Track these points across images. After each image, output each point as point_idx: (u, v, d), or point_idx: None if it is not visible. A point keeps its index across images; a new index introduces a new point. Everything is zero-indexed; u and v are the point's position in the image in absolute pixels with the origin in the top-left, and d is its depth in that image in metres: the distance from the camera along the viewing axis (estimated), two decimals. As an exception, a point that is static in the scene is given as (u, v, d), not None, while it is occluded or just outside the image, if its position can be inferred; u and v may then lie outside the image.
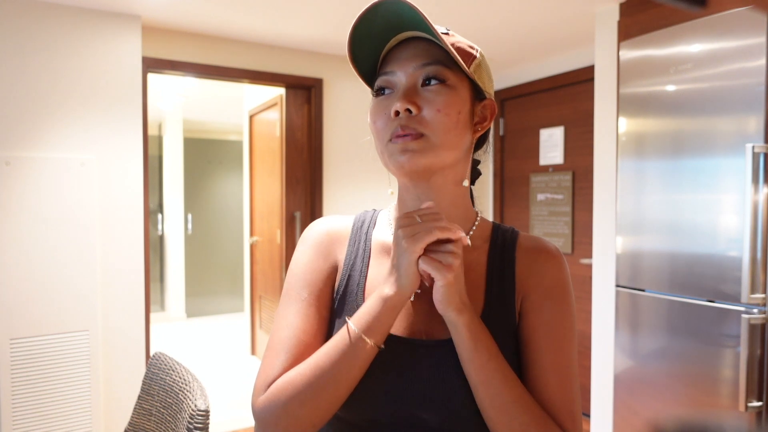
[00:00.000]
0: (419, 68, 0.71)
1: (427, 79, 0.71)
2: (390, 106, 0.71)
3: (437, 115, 0.69)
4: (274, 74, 3.23)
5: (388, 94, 0.73)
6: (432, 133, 0.69)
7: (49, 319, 2.43)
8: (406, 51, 0.72)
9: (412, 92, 0.70)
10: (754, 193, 1.82)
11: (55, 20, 2.49)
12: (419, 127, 0.69)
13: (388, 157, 0.72)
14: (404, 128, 0.69)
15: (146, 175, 2.76)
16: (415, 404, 0.69)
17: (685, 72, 2.04)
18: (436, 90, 0.70)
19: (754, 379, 1.83)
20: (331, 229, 0.82)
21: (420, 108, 0.69)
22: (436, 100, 0.70)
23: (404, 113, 0.69)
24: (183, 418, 1.24)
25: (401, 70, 0.72)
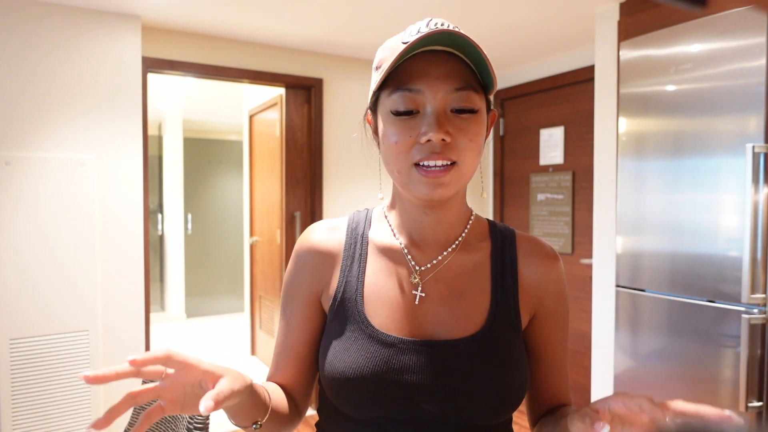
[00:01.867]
0: (451, 92, 0.68)
1: (459, 107, 0.68)
2: (416, 127, 0.68)
3: (469, 144, 0.69)
4: (274, 74, 3.23)
5: (414, 116, 0.69)
6: (462, 162, 0.69)
7: (49, 319, 2.43)
8: (435, 68, 0.68)
9: (445, 120, 0.68)
10: (754, 193, 1.82)
11: (55, 20, 2.49)
12: (452, 155, 0.68)
13: (410, 183, 0.70)
14: (439, 156, 0.67)
15: (146, 175, 2.76)
16: (420, 401, 0.70)
17: (685, 72, 2.04)
18: (469, 119, 0.69)
19: (755, 379, 1.83)
20: (320, 241, 0.81)
21: (453, 137, 0.68)
22: (469, 129, 0.69)
23: (439, 143, 0.67)
24: (183, 418, 1.24)
25: (430, 90, 0.68)
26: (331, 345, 0.74)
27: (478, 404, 0.70)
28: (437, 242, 0.77)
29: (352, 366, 0.71)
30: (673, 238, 2.09)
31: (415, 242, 0.78)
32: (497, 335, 0.73)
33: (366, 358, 0.71)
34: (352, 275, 0.77)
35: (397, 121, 0.69)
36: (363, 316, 0.74)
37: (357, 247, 0.79)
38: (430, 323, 0.74)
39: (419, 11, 2.64)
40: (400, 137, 0.69)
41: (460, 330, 0.73)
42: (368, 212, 0.84)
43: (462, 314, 0.74)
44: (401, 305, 0.75)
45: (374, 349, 0.72)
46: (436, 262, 0.77)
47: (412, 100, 0.68)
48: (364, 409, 0.72)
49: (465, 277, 0.76)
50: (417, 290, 0.75)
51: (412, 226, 0.78)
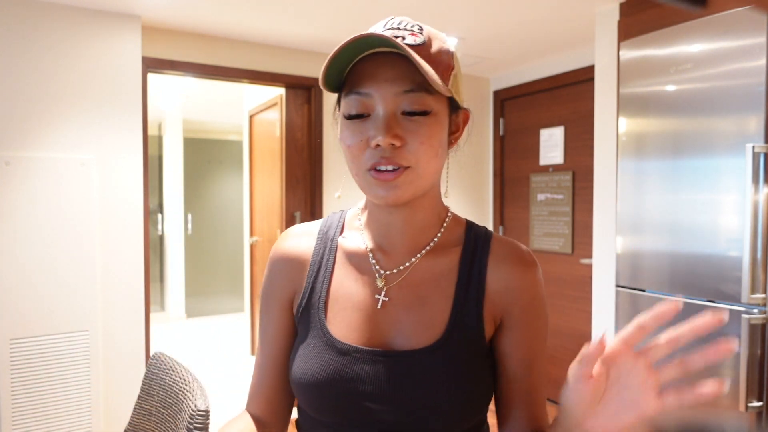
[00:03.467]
0: (400, 95, 0.66)
1: (409, 109, 0.66)
2: (366, 131, 0.67)
3: (421, 147, 0.67)
4: (274, 74, 3.23)
5: (365, 119, 0.68)
6: (416, 165, 0.67)
7: (48, 320, 2.43)
8: (383, 70, 0.66)
9: (394, 123, 0.66)
10: (754, 193, 1.82)
11: (55, 20, 2.49)
12: (403, 160, 0.66)
13: (366, 186, 0.69)
14: (387, 161, 0.66)
15: (146, 175, 2.76)
16: (373, 410, 0.70)
17: (685, 72, 2.04)
18: (420, 121, 0.67)
19: (755, 379, 1.83)
20: (290, 248, 0.81)
21: (404, 140, 0.66)
22: (420, 131, 0.66)
23: (388, 147, 0.66)
24: (183, 418, 1.24)
25: (378, 93, 0.66)
26: (296, 350, 0.76)
27: (431, 416, 0.69)
28: (406, 245, 0.75)
29: (308, 373, 0.72)
30: (673, 238, 2.09)
31: (383, 245, 0.76)
32: (455, 347, 0.70)
33: (320, 366, 0.71)
34: (318, 281, 0.77)
35: (350, 124, 0.69)
36: (323, 323, 0.74)
37: (326, 252, 0.79)
38: (389, 331, 0.72)
39: (419, 11, 2.64)
40: (353, 141, 0.68)
41: (418, 339, 0.71)
42: (342, 214, 0.83)
43: (422, 322, 0.72)
44: (363, 312, 0.73)
45: (329, 357, 0.71)
46: (404, 267, 0.75)
47: (362, 103, 0.67)
48: (322, 413, 0.73)
49: (431, 283, 0.74)
50: (380, 295, 0.73)
51: (380, 227, 0.77)
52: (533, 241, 3.69)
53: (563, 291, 3.49)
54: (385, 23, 0.69)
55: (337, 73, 0.68)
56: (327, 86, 0.70)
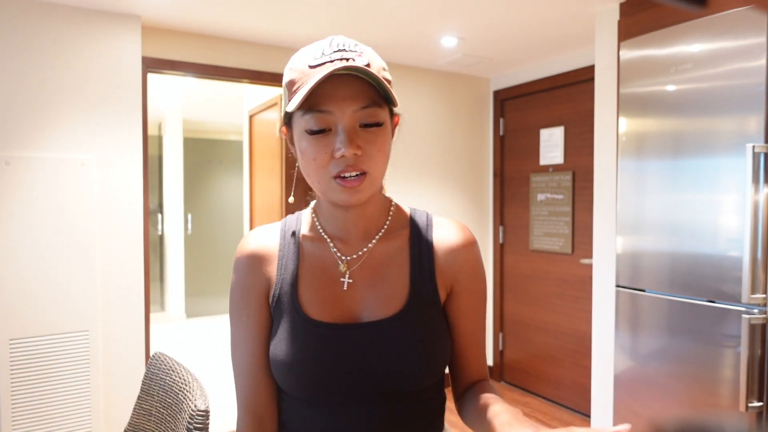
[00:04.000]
0: (358, 111, 0.75)
1: (367, 122, 0.76)
2: (330, 144, 0.75)
3: (378, 155, 0.77)
4: (274, 74, 3.23)
5: (326, 133, 0.76)
6: (373, 170, 0.77)
7: (48, 320, 2.43)
8: (341, 90, 0.75)
9: (355, 135, 0.75)
10: (754, 193, 1.82)
11: (55, 20, 2.49)
12: (364, 166, 0.76)
13: (331, 192, 0.78)
14: (353, 168, 0.75)
15: (146, 175, 2.76)
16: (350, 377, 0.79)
17: (686, 72, 2.04)
18: (376, 132, 0.77)
19: (755, 379, 1.83)
20: (258, 245, 0.88)
21: (364, 150, 0.76)
22: (377, 141, 0.77)
23: (352, 157, 0.75)
24: (183, 418, 1.24)
25: (339, 110, 0.75)
26: (273, 337, 0.84)
27: (403, 376, 0.79)
28: (361, 234, 0.86)
29: (289, 351, 0.80)
30: (673, 238, 2.09)
31: (341, 236, 0.86)
32: (417, 312, 0.82)
33: (299, 344, 0.80)
34: (288, 272, 0.85)
35: (312, 139, 0.76)
36: (297, 306, 0.82)
37: (291, 247, 0.87)
38: (357, 307, 0.82)
39: (418, 11, 2.64)
40: (317, 154, 0.76)
41: (384, 310, 0.81)
42: (299, 214, 0.92)
43: (385, 296, 0.82)
44: (331, 293, 0.83)
45: (306, 335, 0.80)
46: (362, 252, 0.85)
47: (323, 119, 0.75)
48: (302, 390, 0.80)
49: (387, 263, 0.85)
50: (345, 277, 0.84)
51: (336, 222, 0.86)
52: (533, 241, 3.69)
53: (563, 291, 3.49)
54: (330, 44, 0.77)
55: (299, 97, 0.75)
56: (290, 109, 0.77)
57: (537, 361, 3.70)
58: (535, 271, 3.70)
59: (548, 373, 3.62)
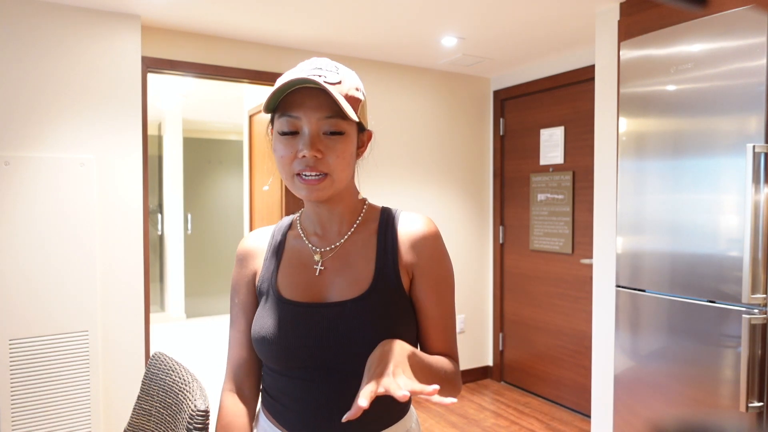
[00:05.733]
0: (322, 119, 0.86)
1: (329, 130, 0.87)
2: (296, 145, 0.87)
3: (337, 160, 0.88)
4: (274, 74, 3.23)
5: (293, 135, 0.88)
6: (333, 172, 0.88)
7: (48, 320, 2.43)
8: (310, 100, 0.87)
9: (317, 140, 0.87)
10: (754, 193, 1.82)
11: (55, 20, 2.49)
12: (323, 168, 0.87)
13: (294, 188, 0.90)
14: (312, 168, 0.86)
15: (146, 174, 2.76)
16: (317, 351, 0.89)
17: (686, 72, 2.04)
18: (336, 139, 0.88)
19: (755, 379, 1.83)
20: (251, 243, 1.04)
21: (324, 154, 0.87)
22: (336, 147, 0.87)
23: (311, 158, 0.86)
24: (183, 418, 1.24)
25: (306, 117, 0.86)
26: (255, 314, 0.98)
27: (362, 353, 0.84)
28: (334, 230, 0.98)
29: (265, 326, 0.93)
30: (673, 238, 2.09)
31: (317, 231, 0.99)
32: (380, 295, 0.91)
33: (273, 320, 0.92)
34: (271, 263, 1.00)
35: (283, 139, 0.89)
36: (275, 288, 0.96)
37: (277, 243, 1.02)
38: (327, 289, 0.94)
39: (418, 11, 2.64)
40: (284, 153, 0.88)
41: (350, 293, 0.91)
42: (293, 217, 1.06)
43: (352, 280, 0.93)
44: (306, 278, 0.95)
45: (281, 311, 0.93)
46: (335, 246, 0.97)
47: (293, 123, 0.87)
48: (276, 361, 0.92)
49: (356, 252, 0.95)
50: (318, 265, 0.96)
51: (312, 217, 0.99)
52: (533, 241, 3.69)
53: (563, 291, 3.49)
54: (310, 63, 0.90)
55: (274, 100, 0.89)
56: (266, 109, 0.89)
57: (537, 361, 3.70)
58: (535, 271, 3.70)
59: (548, 373, 3.61)
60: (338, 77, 0.88)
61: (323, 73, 0.88)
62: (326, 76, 0.88)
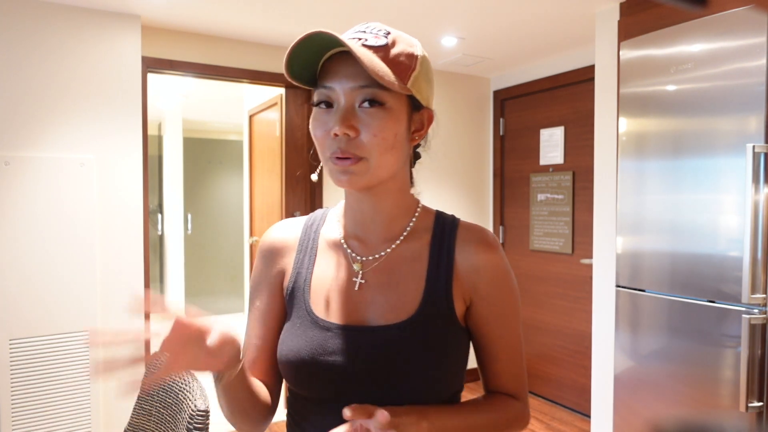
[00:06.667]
0: (357, 89, 0.72)
1: (364, 101, 0.72)
2: (329, 121, 0.73)
3: (374, 140, 0.72)
4: (274, 74, 3.23)
5: (327, 108, 0.74)
6: (370, 156, 0.73)
7: (48, 320, 2.43)
8: (345, 67, 0.72)
9: (350, 114, 0.72)
10: (754, 193, 1.82)
11: (55, 20, 2.49)
12: (358, 151, 0.72)
13: (329, 172, 0.75)
14: (344, 152, 0.72)
15: (146, 174, 2.76)
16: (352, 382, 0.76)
17: (686, 72, 2.04)
18: (373, 113, 0.72)
19: (755, 379, 1.83)
20: (278, 237, 0.88)
21: (358, 131, 0.72)
22: (373, 124, 0.72)
23: (343, 136, 0.72)
24: (183, 418, 1.24)
25: (340, 87, 0.72)
26: (283, 331, 0.83)
27: (406, 388, 0.74)
28: (380, 233, 0.82)
29: (293, 349, 0.79)
30: (673, 238, 2.09)
31: (358, 234, 0.83)
32: (427, 322, 0.77)
33: (304, 342, 0.78)
34: (303, 267, 0.84)
35: (317, 114, 0.76)
36: (307, 304, 0.81)
37: (309, 242, 0.86)
38: (366, 310, 0.79)
39: (418, 11, 2.64)
40: (318, 131, 0.75)
41: (393, 316, 0.77)
42: (326, 211, 0.90)
43: (396, 301, 0.78)
44: (342, 293, 0.80)
45: (312, 334, 0.78)
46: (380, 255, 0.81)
47: (326, 95, 0.74)
48: (304, 388, 0.79)
49: (404, 267, 0.80)
50: (357, 277, 0.81)
51: (354, 215, 0.83)
52: (533, 241, 3.69)
53: (563, 291, 3.49)
54: (357, 27, 0.76)
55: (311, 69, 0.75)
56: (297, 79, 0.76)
57: (537, 361, 3.70)
58: (535, 271, 3.70)
59: (548, 373, 3.62)
60: (383, 40, 0.73)
61: (364, 36, 0.74)
62: (366, 39, 0.73)
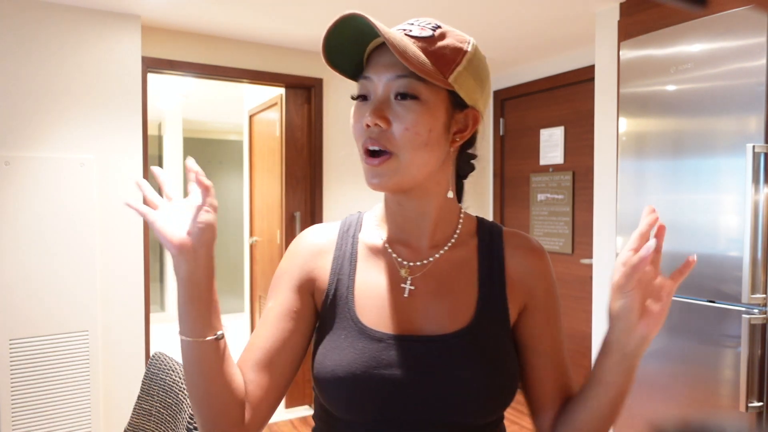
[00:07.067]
0: (393, 80, 0.69)
1: (399, 92, 0.69)
2: (365, 112, 0.71)
3: (405, 133, 0.69)
4: (274, 74, 3.23)
5: (366, 101, 0.72)
6: (400, 152, 0.69)
7: (48, 320, 2.43)
8: (384, 57, 0.70)
9: (384, 105, 0.70)
10: (754, 193, 1.82)
11: (55, 20, 2.49)
12: (388, 144, 0.69)
13: (363, 171, 0.73)
14: (373, 142, 0.69)
15: (146, 175, 2.76)
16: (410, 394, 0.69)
17: (686, 72, 2.04)
18: (407, 106, 0.69)
19: (755, 379, 1.83)
20: (314, 241, 0.82)
21: (389, 123, 0.69)
22: (406, 117, 0.69)
23: (374, 127, 0.69)
24: (183, 418, 1.24)
25: (377, 77, 0.71)
26: (322, 344, 0.75)
27: (467, 399, 0.69)
28: (426, 238, 0.78)
29: (342, 363, 0.71)
30: (673, 238, 2.09)
31: (402, 238, 0.79)
32: (485, 329, 0.74)
33: (356, 355, 0.71)
34: (344, 274, 0.78)
35: (355, 107, 0.74)
36: (353, 313, 0.74)
37: (348, 247, 0.80)
38: (419, 318, 0.74)
39: (418, 11, 2.64)
40: (355, 121, 0.73)
41: (449, 324, 0.73)
42: (360, 215, 0.85)
43: (450, 309, 0.74)
44: (391, 301, 0.75)
45: (363, 345, 0.71)
46: (428, 261, 0.77)
47: (364, 86, 0.72)
48: (354, 408, 0.71)
49: (453, 273, 0.77)
50: (406, 284, 0.76)
51: (396, 219, 0.79)
52: (533, 241, 3.69)
53: (563, 291, 3.49)
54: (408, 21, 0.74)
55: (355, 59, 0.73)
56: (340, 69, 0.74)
57: (537, 361, 3.70)
58: (535, 271, 3.70)
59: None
60: (429, 32, 0.71)
61: (411, 27, 0.72)
62: (411, 30, 0.71)
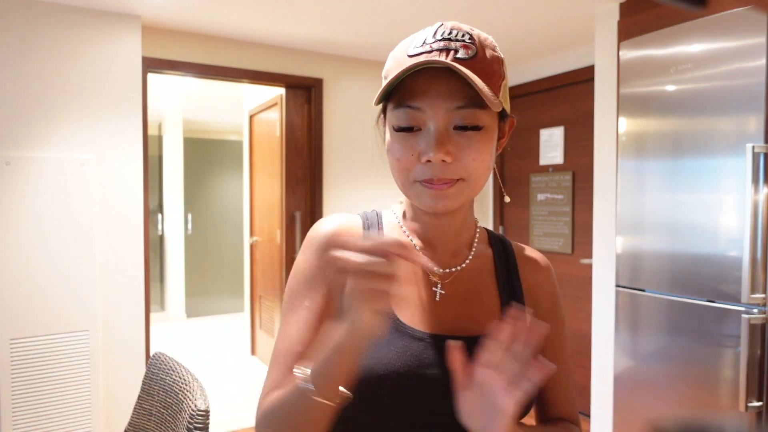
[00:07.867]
0: (452, 111, 0.66)
1: (461, 124, 0.66)
2: (417, 145, 0.67)
3: (474, 163, 0.67)
4: (274, 74, 3.23)
5: (415, 133, 0.67)
6: (468, 178, 0.68)
7: (49, 320, 2.43)
8: (436, 86, 0.66)
9: (446, 138, 0.66)
10: (754, 193, 1.82)
11: (55, 20, 2.49)
12: (456, 173, 0.67)
13: (415, 197, 0.70)
14: (440, 179, 0.66)
15: (146, 175, 2.76)
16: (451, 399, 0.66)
17: (685, 72, 2.04)
18: (471, 136, 0.66)
19: (755, 379, 1.83)
20: (339, 230, 0.76)
21: (455, 157, 0.66)
22: (473, 148, 0.67)
23: (439, 164, 0.66)
24: (183, 418, 1.24)
25: (431, 109, 0.66)
26: None
27: None
28: (449, 245, 0.77)
29: (383, 360, 0.68)
30: (673, 238, 2.09)
31: (432, 244, 0.77)
32: None
33: (396, 353, 0.69)
34: None
35: (400, 137, 0.69)
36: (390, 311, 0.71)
37: None
38: (450, 321, 0.74)
39: (419, 11, 2.64)
40: (402, 154, 0.68)
41: (477, 328, 0.73)
42: (379, 214, 0.82)
43: (478, 313, 0.76)
44: (423, 302, 0.74)
45: (403, 344, 0.70)
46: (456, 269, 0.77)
47: (413, 117, 0.67)
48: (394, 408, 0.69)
49: (476, 280, 0.78)
50: (437, 287, 0.76)
51: (424, 227, 0.77)
52: (533, 241, 3.69)
53: (563, 291, 3.49)
54: (435, 31, 0.68)
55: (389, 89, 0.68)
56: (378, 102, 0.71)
57: (537, 361, 3.70)
58: (535, 271, 3.70)
59: (548, 373, 3.61)
60: (473, 49, 0.67)
61: (453, 45, 0.66)
62: (458, 50, 0.66)
